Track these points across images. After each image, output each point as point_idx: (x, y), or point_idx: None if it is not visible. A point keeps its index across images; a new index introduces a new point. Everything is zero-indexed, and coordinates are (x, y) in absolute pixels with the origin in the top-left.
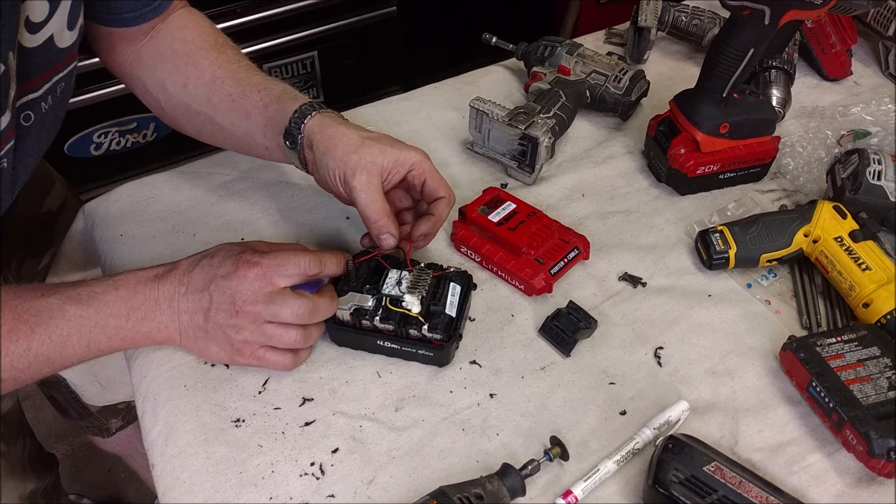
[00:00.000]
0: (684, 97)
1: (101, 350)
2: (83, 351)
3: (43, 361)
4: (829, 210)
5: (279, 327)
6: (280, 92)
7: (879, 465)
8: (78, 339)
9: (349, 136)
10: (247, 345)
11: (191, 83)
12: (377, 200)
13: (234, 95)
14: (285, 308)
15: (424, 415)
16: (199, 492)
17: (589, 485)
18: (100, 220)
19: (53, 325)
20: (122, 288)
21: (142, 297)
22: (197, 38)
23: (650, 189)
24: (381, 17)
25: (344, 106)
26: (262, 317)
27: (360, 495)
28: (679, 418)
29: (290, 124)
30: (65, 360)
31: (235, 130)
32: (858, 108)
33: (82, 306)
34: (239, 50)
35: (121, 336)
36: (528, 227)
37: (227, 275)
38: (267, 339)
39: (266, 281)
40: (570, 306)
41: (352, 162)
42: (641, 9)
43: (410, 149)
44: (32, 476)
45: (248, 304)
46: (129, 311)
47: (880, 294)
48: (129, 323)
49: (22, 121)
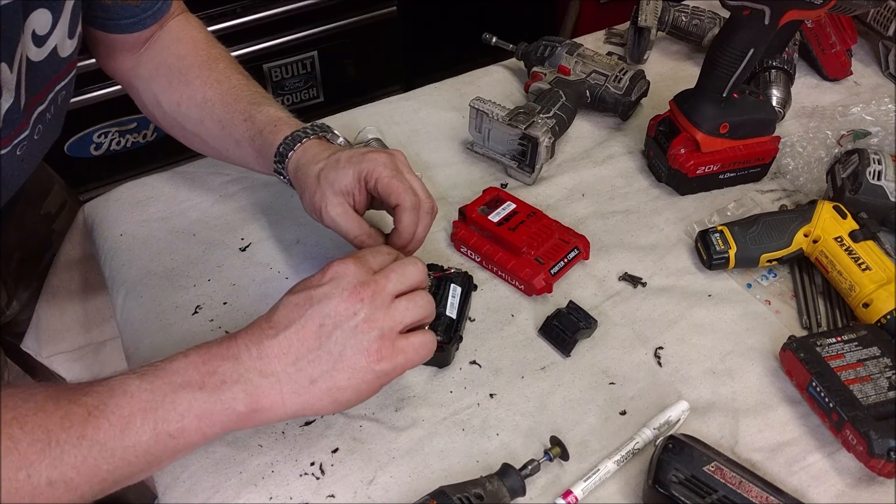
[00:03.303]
0: (684, 97)
1: (172, 436)
2: (150, 435)
3: (99, 454)
4: (829, 210)
5: (410, 296)
6: (263, 124)
7: (879, 465)
8: (143, 419)
9: (310, 175)
10: (385, 338)
11: (183, 103)
12: (347, 223)
13: (223, 122)
14: (407, 267)
15: (424, 415)
16: (199, 491)
17: (589, 485)
18: (100, 220)
19: (113, 405)
20: (193, 354)
21: (218, 359)
22: (190, 52)
23: (650, 189)
24: (381, 17)
25: (344, 106)
26: (388, 292)
27: (360, 495)
28: (679, 418)
29: (275, 165)
30: (126, 452)
31: (230, 156)
32: (858, 108)
33: (146, 378)
34: (231, 62)
35: (196, 412)
36: (528, 227)
37: (319, 281)
38: (404, 315)
39: (367, 266)
40: (570, 306)
41: (316, 200)
42: (641, 9)
43: (368, 158)
44: None
45: (366, 286)
46: (203, 377)
47: (880, 294)
48: (203, 392)
49: (35, 135)
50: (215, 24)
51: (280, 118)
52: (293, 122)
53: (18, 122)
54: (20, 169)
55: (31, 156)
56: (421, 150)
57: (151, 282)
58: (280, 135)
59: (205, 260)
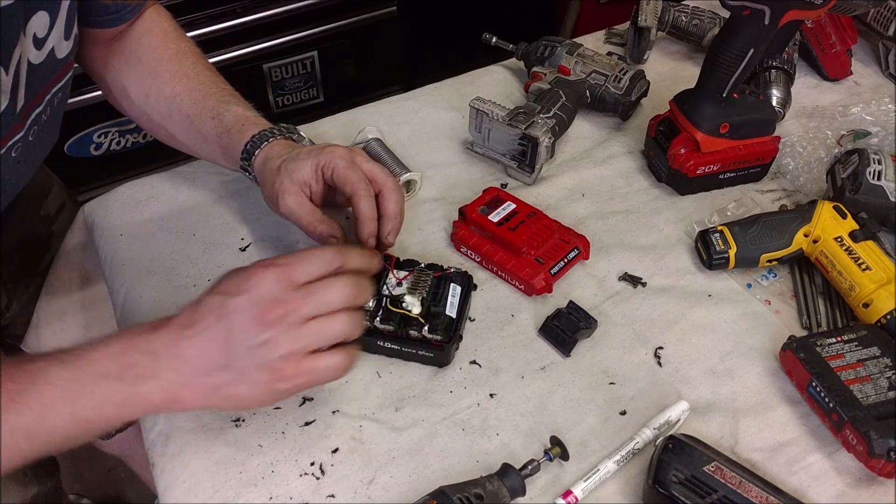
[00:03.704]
0: (684, 97)
1: (90, 420)
2: (68, 422)
3: (21, 436)
4: (829, 210)
5: (324, 320)
6: (231, 123)
7: (879, 465)
8: (62, 407)
9: (272, 168)
10: (290, 359)
11: (152, 95)
12: (301, 210)
13: (191, 118)
14: (331, 288)
15: (424, 415)
16: (199, 492)
17: (589, 485)
18: (100, 220)
19: (34, 392)
20: (114, 344)
21: (136, 351)
22: (160, 45)
23: (650, 189)
24: (381, 17)
25: (344, 106)
26: (299, 315)
27: (360, 495)
28: (679, 418)
29: (242, 163)
30: (48, 434)
31: (197, 150)
32: (858, 108)
33: (67, 367)
34: (200, 57)
35: (113, 401)
36: (528, 227)
37: (237, 289)
38: (312, 339)
39: (288, 280)
40: (570, 306)
41: (275, 189)
42: (641, 9)
43: (326, 151)
44: (34, 481)
45: (276, 306)
46: (121, 368)
47: (880, 294)
48: (122, 384)
49: (30, 136)
50: (215, 24)
51: (248, 118)
52: (260, 122)
53: (12, 124)
54: (17, 171)
55: (29, 158)
56: (421, 150)
57: (151, 282)
58: (247, 133)
59: (205, 260)
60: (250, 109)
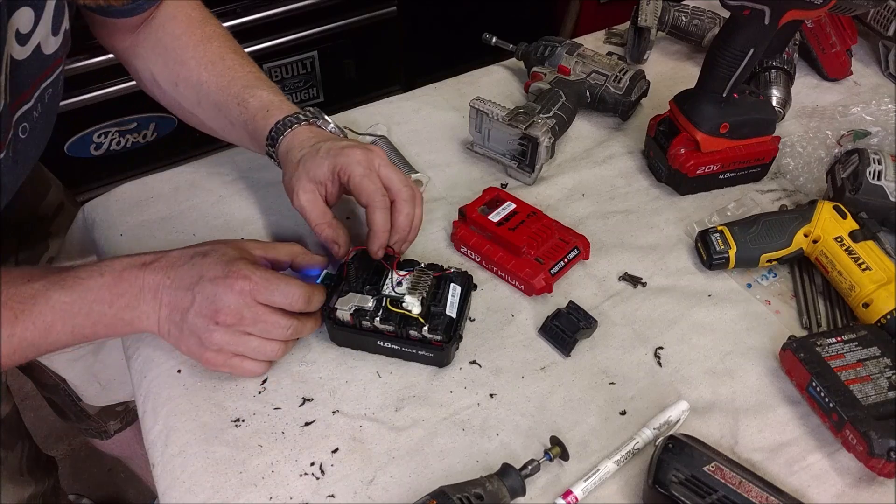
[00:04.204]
0: (684, 97)
1: (86, 336)
2: (67, 337)
3: (28, 347)
4: (829, 210)
5: (261, 341)
6: (256, 109)
7: (879, 465)
8: (62, 326)
9: (293, 161)
10: (220, 352)
11: (181, 83)
12: (313, 209)
13: (218, 105)
14: (277, 327)
15: (424, 415)
16: (199, 492)
17: (589, 485)
18: (100, 220)
19: (37, 312)
20: (108, 274)
21: (126, 284)
22: (185, 31)
23: (650, 189)
24: (381, 17)
25: (344, 106)
26: (243, 329)
27: (360, 495)
28: (679, 418)
29: (267, 149)
30: (50, 346)
31: (227, 136)
32: (858, 108)
33: (66, 292)
34: (226, 39)
35: (104, 322)
36: (528, 227)
37: (214, 279)
38: (243, 349)
39: (251, 299)
40: (570, 306)
41: (293, 183)
42: (641, 9)
43: (346, 153)
44: (31, 481)
45: (229, 315)
46: (112, 297)
47: (880, 294)
48: (112, 310)
49: (20, 133)
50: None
51: (272, 102)
52: (286, 107)
53: (6, 123)
54: (13, 170)
55: (23, 156)
56: (421, 150)
57: None
58: (272, 120)
59: None
60: (277, 93)
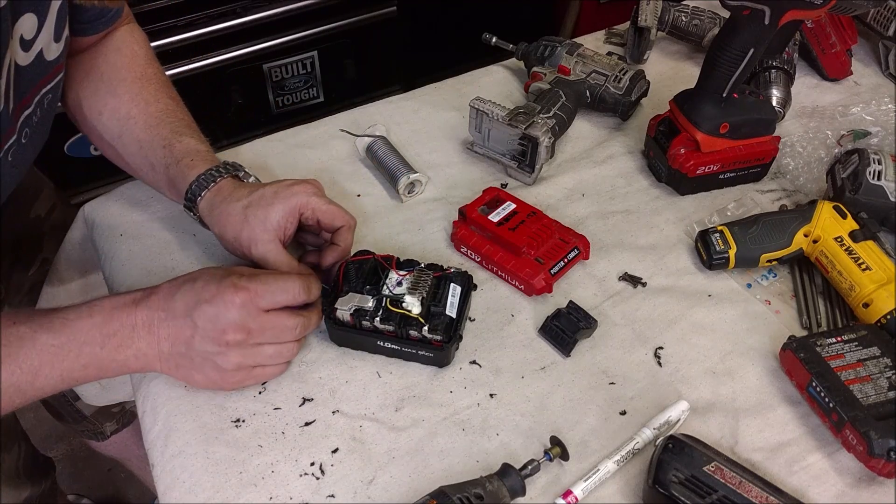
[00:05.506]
0: (684, 97)
1: (76, 380)
2: (56, 381)
3: (14, 392)
4: (829, 210)
5: (275, 347)
6: (180, 154)
7: (879, 465)
8: (50, 370)
9: (233, 213)
10: (239, 370)
11: (106, 113)
12: (278, 259)
13: (141, 142)
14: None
15: (424, 415)
16: (199, 492)
17: (589, 485)
18: (100, 220)
19: (24, 356)
20: (97, 314)
21: (118, 323)
22: (126, 65)
23: (650, 189)
24: (380, 17)
25: (344, 106)
26: (255, 341)
27: (360, 495)
28: (679, 418)
29: (185, 201)
30: (37, 392)
31: (144, 177)
32: (858, 108)
33: (54, 334)
34: (164, 84)
35: (96, 364)
36: (528, 227)
37: (210, 299)
38: (261, 360)
39: (253, 308)
40: (570, 306)
41: (244, 238)
42: (641, 9)
43: (296, 191)
44: (27, 483)
45: (237, 332)
46: (104, 338)
47: (880, 294)
48: (104, 351)
49: (23, 139)
50: (215, 24)
51: (198, 151)
52: (210, 158)
53: (7, 127)
54: (10, 174)
55: (21, 160)
56: (421, 150)
57: (151, 282)
58: (194, 171)
59: (205, 260)
60: (203, 143)
